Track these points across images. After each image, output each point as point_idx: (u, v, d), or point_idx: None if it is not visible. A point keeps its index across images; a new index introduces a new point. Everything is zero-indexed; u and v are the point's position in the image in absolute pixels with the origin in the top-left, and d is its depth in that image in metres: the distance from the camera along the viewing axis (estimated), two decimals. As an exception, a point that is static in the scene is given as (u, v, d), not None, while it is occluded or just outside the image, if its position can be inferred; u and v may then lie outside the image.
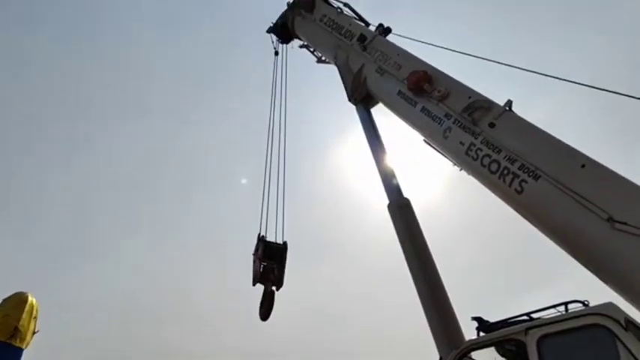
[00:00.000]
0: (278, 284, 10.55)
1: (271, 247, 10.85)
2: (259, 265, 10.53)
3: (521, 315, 5.35)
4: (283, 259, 10.75)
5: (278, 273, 10.61)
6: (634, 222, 5.39)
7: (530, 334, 4.93)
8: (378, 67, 9.73)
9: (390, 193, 9.35)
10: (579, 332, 4.69)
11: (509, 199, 6.94)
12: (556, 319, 4.97)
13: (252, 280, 10.59)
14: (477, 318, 5.64)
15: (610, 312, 4.55)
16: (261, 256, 10.59)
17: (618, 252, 5.47)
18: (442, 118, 7.94)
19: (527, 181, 6.51)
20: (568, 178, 6.16)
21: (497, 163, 6.94)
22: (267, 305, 10.31)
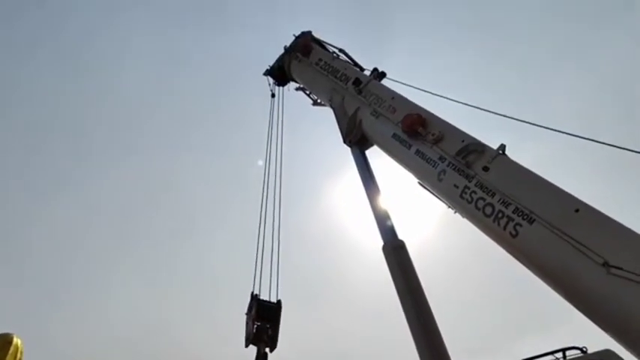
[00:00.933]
0: (272, 345, 10.12)
1: (265, 306, 10.46)
2: (252, 326, 10.15)
3: (519, 361, 5.28)
4: (277, 319, 10.33)
5: (272, 333, 10.17)
6: (629, 267, 5.39)
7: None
8: (373, 110, 9.89)
9: (385, 234, 9.34)
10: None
11: (503, 242, 6.95)
12: (554, 366, 4.91)
13: (245, 341, 10.20)
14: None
15: (608, 359, 4.50)
16: (255, 316, 10.21)
17: (614, 297, 5.45)
18: (436, 160, 8.03)
19: (521, 224, 6.53)
20: (562, 222, 6.19)
21: (491, 207, 6.98)
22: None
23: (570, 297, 6.14)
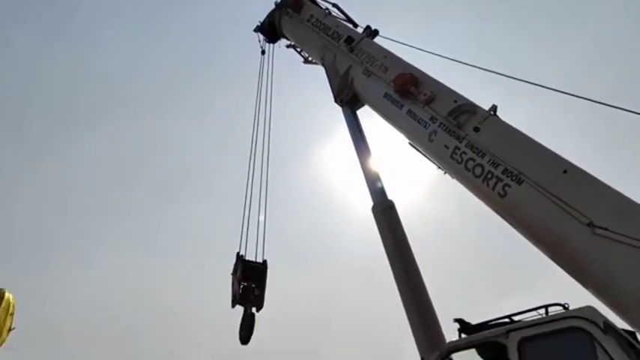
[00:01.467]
0: (258, 305, 10.22)
1: (251, 266, 10.48)
2: (238, 286, 10.21)
3: (502, 317, 5.39)
4: (264, 279, 10.39)
5: (258, 293, 10.26)
6: (614, 228, 5.49)
7: (511, 337, 4.97)
8: (365, 69, 9.76)
9: (375, 195, 9.38)
10: (559, 335, 4.74)
11: (492, 202, 7.01)
12: (536, 321, 5.02)
13: (232, 301, 10.26)
14: (459, 320, 5.67)
15: (589, 315, 4.62)
16: (241, 277, 10.25)
17: (598, 257, 5.57)
18: (427, 121, 8.00)
19: (510, 185, 6.59)
20: (550, 183, 6.25)
21: (481, 167, 7.01)
22: (247, 328, 9.98)
23: (556, 257, 6.26)
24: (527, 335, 4.93)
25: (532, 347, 4.87)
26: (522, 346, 4.89)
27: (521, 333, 4.98)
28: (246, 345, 9.89)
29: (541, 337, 4.86)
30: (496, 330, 5.25)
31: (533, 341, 4.88)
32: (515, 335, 4.97)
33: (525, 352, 4.86)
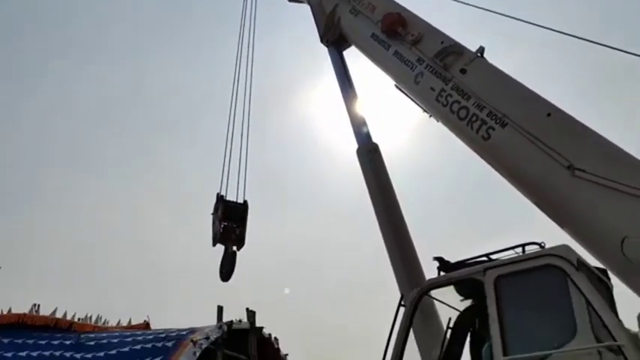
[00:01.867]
0: (239, 244, 10.40)
1: (231, 206, 10.58)
2: (219, 225, 10.33)
3: (480, 256, 5.54)
4: (244, 219, 10.53)
5: (239, 233, 10.41)
6: (592, 170, 5.57)
7: (487, 274, 5.13)
8: (352, 8, 9.52)
9: (359, 137, 9.39)
10: (534, 272, 4.91)
11: (475, 145, 7.05)
12: (513, 259, 5.18)
13: (212, 240, 10.41)
14: (438, 258, 5.82)
15: (563, 253, 4.76)
16: (221, 216, 10.35)
17: (576, 198, 5.68)
18: (414, 62, 7.90)
19: (494, 128, 6.61)
20: (533, 125, 6.28)
21: (466, 110, 7.00)
22: (228, 266, 10.19)
23: (536, 199, 6.37)
24: (503, 273, 5.08)
25: (508, 284, 5.03)
26: (498, 282, 5.05)
27: (497, 271, 5.13)
28: (227, 282, 10.15)
29: (517, 274, 5.02)
30: (474, 268, 5.41)
31: (509, 278, 5.04)
32: (492, 273, 5.13)
33: (501, 288, 5.03)
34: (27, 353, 10.49)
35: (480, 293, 5.18)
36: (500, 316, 4.86)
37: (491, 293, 5.04)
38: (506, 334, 4.76)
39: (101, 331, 12.11)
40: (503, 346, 4.71)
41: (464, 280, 5.52)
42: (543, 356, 4.48)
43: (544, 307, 4.87)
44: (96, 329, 12.21)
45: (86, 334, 11.40)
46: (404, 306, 5.67)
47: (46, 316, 11.99)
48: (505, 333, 4.77)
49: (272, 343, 11.78)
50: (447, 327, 6.17)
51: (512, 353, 4.67)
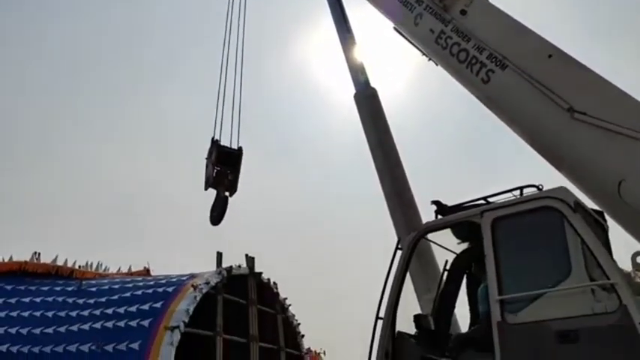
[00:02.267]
0: (232, 190, 10.43)
1: (225, 152, 10.52)
2: (212, 170, 10.33)
3: (478, 199, 5.54)
4: (238, 165, 10.50)
5: (232, 178, 10.42)
6: (593, 112, 5.52)
7: (485, 217, 5.14)
8: (349, -53, 9.20)
9: (357, 82, 9.28)
10: (531, 214, 4.92)
11: (475, 89, 6.96)
12: (510, 202, 5.18)
13: (205, 184, 10.44)
14: (435, 202, 5.82)
15: (561, 195, 4.76)
16: (215, 160, 10.33)
17: (575, 141, 5.65)
18: (413, 4, 7.69)
19: (494, 70, 6.51)
20: (534, 68, 6.18)
21: (465, 52, 6.87)
22: (219, 210, 10.25)
23: (535, 142, 6.35)
24: (500, 215, 5.09)
25: (505, 226, 5.06)
26: (495, 225, 5.07)
27: (495, 213, 5.14)
28: (217, 225, 10.26)
29: (514, 216, 5.03)
30: (471, 211, 5.42)
31: (506, 220, 5.06)
32: (489, 215, 5.14)
33: (498, 230, 5.05)
34: (30, 299, 10.67)
35: (477, 236, 5.21)
36: (497, 257, 4.91)
37: (487, 235, 5.07)
38: (501, 275, 4.82)
39: (102, 277, 12.28)
40: (498, 286, 4.78)
41: (461, 223, 5.55)
42: (538, 295, 4.56)
43: (540, 249, 4.91)
44: (97, 276, 12.38)
45: (87, 280, 11.57)
46: (401, 249, 5.70)
47: (47, 264, 12.12)
48: (501, 273, 4.83)
49: (271, 288, 11.99)
50: (444, 269, 6.26)
51: (508, 293, 4.75)
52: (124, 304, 9.83)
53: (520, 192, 5.26)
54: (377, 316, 5.41)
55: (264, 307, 11.66)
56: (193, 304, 9.41)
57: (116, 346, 8.96)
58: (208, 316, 10.18)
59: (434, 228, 5.82)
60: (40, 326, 9.79)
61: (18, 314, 10.22)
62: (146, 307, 9.56)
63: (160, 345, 8.70)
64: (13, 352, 9.48)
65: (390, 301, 5.49)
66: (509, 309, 4.66)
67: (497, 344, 4.56)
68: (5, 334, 9.77)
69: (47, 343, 9.43)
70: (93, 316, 9.71)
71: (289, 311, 12.29)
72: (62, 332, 9.56)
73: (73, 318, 9.81)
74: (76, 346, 9.18)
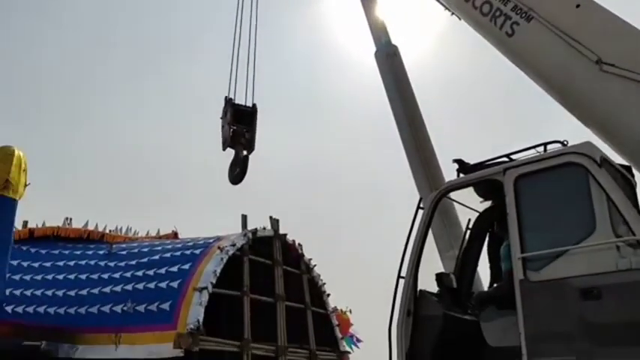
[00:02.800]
0: (249, 148, 10.41)
1: (240, 110, 10.47)
2: (228, 130, 10.30)
3: (500, 156, 5.42)
4: (253, 122, 10.46)
5: (249, 137, 10.40)
6: (622, 64, 5.33)
7: (507, 174, 5.03)
8: None
9: (378, 40, 9.08)
10: (555, 171, 4.79)
11: (499, 43, 6.75)
12: (533, 158, 5.05)
13: (222, 144, 10.44)
14: (457, 160, 5.73)
15: (587, 150, 4.63)
16: (230, 120, 10.29)
17: (604, 94, 5.48)
18: (434, -45, 7.44)
19: (519, 23, 6.29)
20: (561, 18, 5.95)
21: (489, 5, 6.66)
22: (240, 169, 10.28)
23: (562, 96, 6.16)
24: (523, 172, 4.98)
25: (528, 183, 4.95)
26: (518, 182, 4.96)
27: (517, 170, 5.03)
28: (237, 184, 10.34)
29: (537, 173, 4.91)
30: (493, 168, 5.32)
31: (529, 177, 4.94)
32: (512, 172, 5.03)
33: (521, 188, 4.95)
34: (64, 263, 11.05)
35: (500, 194, 5.13)
36: (519, 215, 4.83)
37: (510, 193, 4.98)
38: (524, 233, 4.76)
39: (131, 241, 12.62)
40: (521, 243, 4.72)
41: (483, 181, 5.46)
42: (561, 252, 4.50)
43: (564, 206, 4.80)
44: (126, 240, 12.72)
45: (118, 244, 11.90)
46: (422, 208, 5.66)
47: (79, 229, 12.51)
48: (523, 231, 4.76)
49: (296, 249, 12.14)
50: (466, 228, 6.22)
51: (530, 251, 4.69)
52: (154, 266, 10.10)
53: (544, 148, 5.12)
54: (399, 275, 5.42)
55: (290, 267, 11.84)
56: (220, 265, 9.61)
57: (147, 307, 9.26)
58: (235, 277, 10.40)
59: (456, 187, 5.75)
60: (75, 288, 10.16)
61: (53, 277, 10.62)
62: (175, 269, 9.82)
63: (189, 305, 8.96)
64: (50, 313, 9.89)
65: (411, 260, 5.48)
66: (532, 266, 4.61)
67: (520, 302, 4.53)
68: (42, 297, 10.19)
69: (82, 304, 9.80)
70: (124, 279, 10.02)
71: (314, 271, 12.47)
72: (95, 294, 9.91)
73: (105, 280, 10.14)
74: (109, 307, 9.53)
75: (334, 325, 12.67)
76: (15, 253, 9.92)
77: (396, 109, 8.16)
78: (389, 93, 8.36)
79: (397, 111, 8.13)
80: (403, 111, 8.07)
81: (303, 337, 11.50)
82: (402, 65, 8.73)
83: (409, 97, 8.23)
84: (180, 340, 8.38)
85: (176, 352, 8.36)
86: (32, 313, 9.92)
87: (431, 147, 7.79)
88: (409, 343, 5.14)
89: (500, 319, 4.92)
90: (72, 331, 9.45)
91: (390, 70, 8.54)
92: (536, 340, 4.36)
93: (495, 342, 4.90)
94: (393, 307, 5.36)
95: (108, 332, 9.15)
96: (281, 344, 10.65)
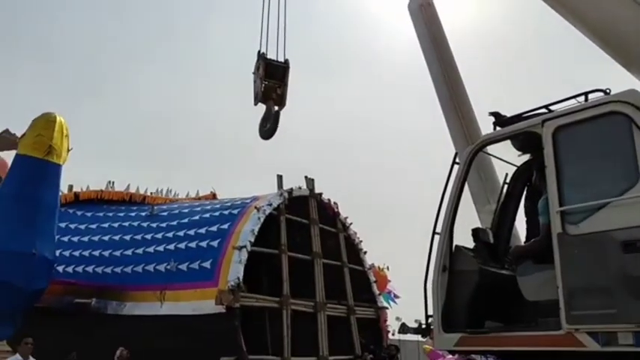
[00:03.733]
0: (281, 103, 10.42)
1: (272, 64, 10.44)
2: (260, 84, 10.31)
3: (538, 108, 5.21)
4: (286, 78, 10.44)
5: (280, 92, 10.40)
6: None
7: (546, 126, 4.83)
8: None
9: (411, -9, 8.76)
10: (596, 121, 4.57)
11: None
12: (573, 109, 4.83)
13: (254, 99, 10.48)
14: (493, 113, 5.55)
15: (630, 98, 4.38)
16: (263, 74, 10.28)
17: None
18: None
19: None
20: None
21: None
22: (271, 124, 10.34)
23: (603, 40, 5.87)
24: (563, 123, 4.78)
25: (567, 135, 4.76)
26: (557, 134, 4.77)
27: (557, 121, 4.83)
28: (268, 140, 10.41)
29: (577, 124, 4.71)
30: (531, 120, 5.13)
31: (569, 129, 4.74)
32: (551, 124, 4.84)
33: (560, 140, 4.76)
34: (109, 224, 11.47)
35: (538, 147, 4.97)
36: (558, 167, 4.67)
37: (549, 145, 4.79)
38: (563, 186, 4.61)
39: (172, 202, 12.95)
40: (560, 197, 4.58)
41: (521, 134, 5.29)
42: (601, 205, 4.35)
43: (605, 157, 4.61)
44: (167, 201, 13.06)
45: (159, 206, 12.24)
46: (458, 164, 5.55)
47: (121, 192, 12.92)
48: (562, 184, 4.61)
49: (332, 207, 12.22)
50: (504, 182, 6.09)
51: (569, 204, 4.56)
52: (194, 226, 10.38)
53: (585, 98, 4.89)
54: (434, 231, 5.39)
55: (326, 226, 11.95)
56: (257, 224, 9.79)
57: (189, 265, 9.58)
58: (273, 236, 10.59)
59: (492, 140, 5.58)
60: (120, 249, 10.57)
61: (99, 238, 11.06)
62: (214, 229, 10.07)
63: (229, 263, 9.22)
64: (98, 272, 10.35)
65: (447, 215, 5.42)
66: (571, 220, 4.48)
67: (558, 256, 4.45)
68: (90, 257, 10.65)
69: (127, 264, 10.21)
70: (166, 239, 10.35)
71: (350, 229, 12.55)
72: (140, 254, 10.29)
73: (148, 241, 10.50)
74: (153, 266, 9.89)
75: (372, 281, 12.82)
76: (62, 216, 10.36)
77: (430, 61, 7.93)
78: (423, 44, 8.10)
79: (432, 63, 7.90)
80: (437, 62, 7.83)
81: (341, 293, 11.70)
82: (436, 16, 8.43)
83: (444, 48, 7.96)
84: (221, 296, 8.66)
85: (218, 309, 8.66)
86: (81, 272, 10.41)
87: (467, 100, 7.58)
88: (445, 299, 5.14)
89: (538, 273, 4.85)
90: (119, 289, 9.89)
91: (424, 20, 8.26)
92: (574, 293, 4.29)
93: (532, 296, 4.85)
94: (429, 263, 5.35)
95: (153, 290, 9.54)
96: (319, 300, 10.86)
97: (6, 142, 17.14)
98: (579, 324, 4.16)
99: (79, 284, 10.18)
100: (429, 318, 5.27)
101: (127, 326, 9.44)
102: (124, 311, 9.66)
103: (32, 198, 8.87)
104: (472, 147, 5.60)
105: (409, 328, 5.90)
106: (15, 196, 8.86)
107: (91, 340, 9.19)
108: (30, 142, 9.09)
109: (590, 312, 4.17)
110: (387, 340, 12.52)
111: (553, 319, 4.34)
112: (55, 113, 9.43)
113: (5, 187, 9.32)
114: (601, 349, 4.03)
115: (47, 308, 9.47)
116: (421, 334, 5.66)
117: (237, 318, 8.71)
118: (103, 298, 9.87)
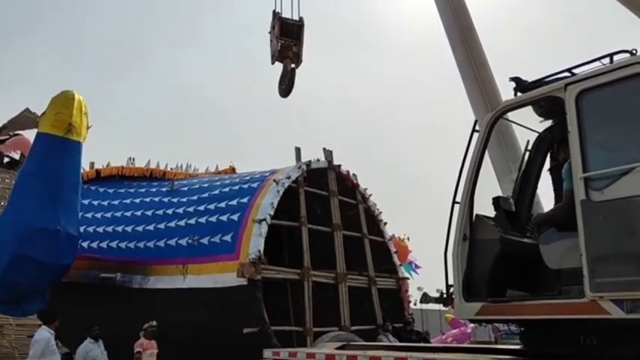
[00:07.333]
0: (297, 61, 10.62)
1: (288, 23, 10.60)
2: (277, 43, 10.50)
3: (561, 71, 5.04)
4: (301, 36, 10.59)
5: (296, 50, 10.59)
6: None
7: (569, 90, 4.67)
8: None
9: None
10: (622, 83, 4.39)
11: None
12: (599, 71, 4.64)
13: (271, 58, 10.69)
14: (514, 78, 5.39)
15: (659, 59, 4.22)
16: (278, 33, 10.45)
17: None
18: None
19: None
20: None
21: None
22: (288, 82, 10.57)
23: None
24: (586, 87, 4.61)
25: (591, 98, 4.60)
26: (581, 98, 4.61)
27: (580, 85, 4.66)
28: (286, 97, 10.63)
29: (602, 87, 4.53)
30: (553, 85, 4.97)
31: (593, 92, 4.58)
32: (574, 88, 4.67)
33: (584, 104, 4.61)
34: (130, 200, 11.61)
35: (561, 112, 4.81)
36: (581, 133, 4.51)
37: (572, 110, 4.64)
38: (587, 151, 4.48)
39: (192, 177, 13.03)
40: (583, 163, 4.46)
41: (542, 99, 5.13)
42: (627, 170, 4.22)
43: (630, 121, 4.44)
44: (187, 176, 13.15)
45: (179, 181, 12.33)
46: (478, 131, 5.42)
47: (142, 168, 13.04)
48: (586, 150, 4.47)
49: (351, 179, 12.17)
50: (525, 149, 5.95)
51: (593, 170, 4.43)
52: (214, 200, 10.45)
53: (610, 59, 4.70)
54: (454, 200, 5.31)
55: (345, 198, 11.93)
56: (277, 197, 9.81)
57: (211, 239, 9.67)
58: (292, 209, 10.61)
59: (513, 107, 5.43)
60: (142, 224, 10.72)
61: (122, 214, 11.22)
62: (234, 203, 10.12)
63: (250, 236, 9.28)
64: (122, 247, 10.53)
65: (467, 184, 5.33)
66: (594, 186, 4.37)
67: (581, 222, 4.35)
68: (113, 233, 10.83)
69: (150, 239, 10.36)
70: (187, 213, 10.45)
71: (370, 200, 12.51)
72: (162, 229, 10.42)
73: (169, 216, 10.62)
74: (175, 240, 10.02)
75: (392, 252, 12.82)
76: (85, 193, 10.52)
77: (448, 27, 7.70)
78: (441, 11, 7.87)
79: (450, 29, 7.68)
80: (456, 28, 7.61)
81: (361, 265, 11.73)
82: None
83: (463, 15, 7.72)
84: (243, 269, 8.75)
85: (240, 281, 8.76)
86: (106, 248, 10.61)
87: (486, 64, 7.37)
88: (466, 268, 5.10)
89: (560, 240, 4.76)
90: (143, 264, 10.06)
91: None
92: (598, 261, 4.21)
93: (555, 264, 4.77)
94: (449, 232, 5.30)
95: (176, 264, 9.69)
96: (340, 271, 10.91)
97: (27, 121, 17.39)
98: (603, 291, 4.08)
99: (104, 259, 10.39)
100: (450, 287, 5.24)
101: (150, 300, 9.63)
102: (148, 285, 9.84)
103: (55, 175, 9.00)
104: (492, 114, 5.46)
105: (430, 297, 5.90)
106: (38, 174, 9.00)
107: (117, 314, 9.41)
108: (50, 121, 9.18)
109: (614, 279, 4.10)
110: (409, 310, 12.57)
111: (576, 286, 4.27)
112: (73, 91, 9.48)
113: (28, 165, 9.48)
114: (626, 317, 3.96)
115: (74, 283, 9.71)
116: (443, 304, 5.65)
117: (258, 290, 8.81)
118: (128, 273, 10.06)
